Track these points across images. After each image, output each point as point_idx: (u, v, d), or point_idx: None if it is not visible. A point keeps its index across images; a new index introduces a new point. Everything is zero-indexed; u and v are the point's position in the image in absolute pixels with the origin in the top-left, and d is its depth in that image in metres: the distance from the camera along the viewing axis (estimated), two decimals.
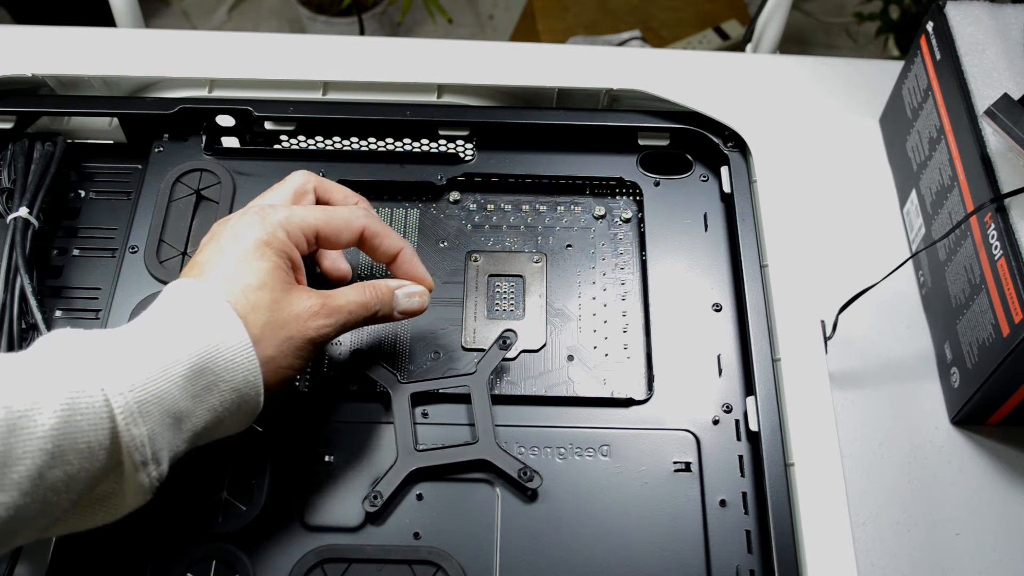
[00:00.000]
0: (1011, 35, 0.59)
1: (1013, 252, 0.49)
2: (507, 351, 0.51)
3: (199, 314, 0.41)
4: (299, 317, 0.43)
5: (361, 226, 0.48)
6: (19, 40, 0.70)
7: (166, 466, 0.39)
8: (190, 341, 0.40)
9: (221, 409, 0.41)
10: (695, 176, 0.59)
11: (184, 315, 0.41)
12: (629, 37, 1.45)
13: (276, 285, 0.43)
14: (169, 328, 0.40)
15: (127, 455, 0.37)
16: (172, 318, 0.41)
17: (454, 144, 0.60)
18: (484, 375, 0.50)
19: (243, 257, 0.43)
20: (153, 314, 0.41)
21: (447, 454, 0.48)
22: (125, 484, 0.38)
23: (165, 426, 0.38)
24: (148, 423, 0.37)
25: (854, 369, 0.58)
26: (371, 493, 0.47)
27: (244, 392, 0.41)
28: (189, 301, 0.41)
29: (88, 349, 0.38)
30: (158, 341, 0.39)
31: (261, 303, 0.42)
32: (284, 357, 0.43)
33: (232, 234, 0.44)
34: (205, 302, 0.41)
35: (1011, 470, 0.55)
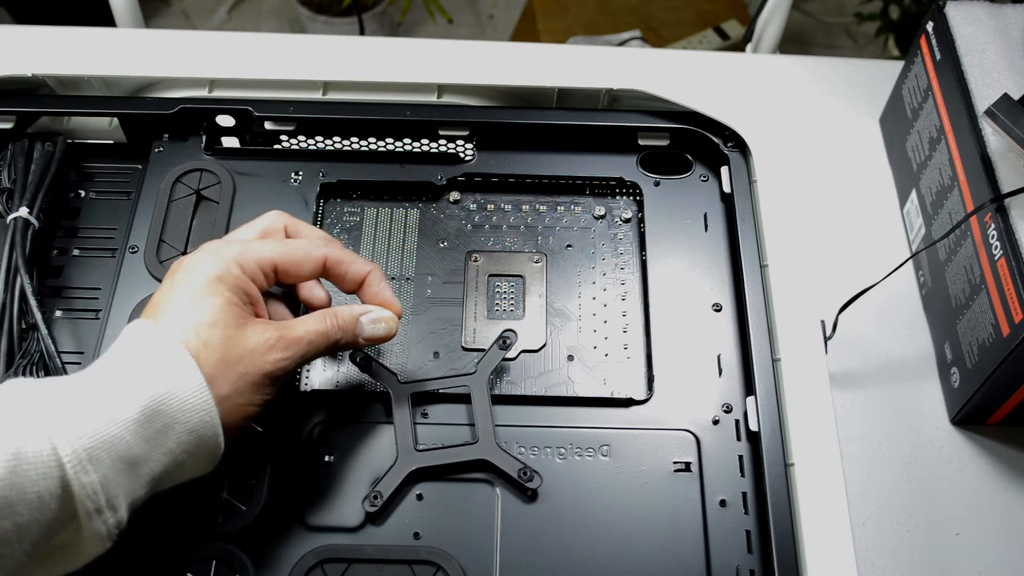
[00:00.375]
0: (1011, 35, 0.59)
1: (1013, 252, 0.49)
2: (507, 351, 0.51)
3: (150, 356, 0.40)
4: (254, 352, 0.42)
5: (322, 256, 0.47)
6: (19, 40, 0.70)
7: (124, 513, 0.38)
8: (141, 384, 0.39)
9: (179, 452, 0.40)
10: (695, 176, 0.59)
11: (135, 357, 0.40)
12: (629, 37, 1.45)
13: (229, 321, 0.42)
14: (120, 372, 0.39)
15: (80, 504, 0.36)
16: (123, 361, 0.40)
17: (454, 144, 0.60)
18: (484, 375, 0.50)
19: (195, 294, 0.42)
20: (106, 359, 0.41)
21: (447, 454, 0.48)
22: (83, 533, 0.37)
23: (118, 472, 0.37)
24: (99, 470, 0.37)
25: (854, 369, 0.58)
26: (371, 493, 0.47)
27: (201, 433, 0.40)
28: (141, 343, 0.41)
29: (35, 398, 0.37)
30: (108, 386, 0.39)
31: (213, 340, 0.41)
32: (241, 394, 0.42)
33: (185, 272, 0.43)
34: (156, 343, 0.41)
35: (1011, 470, 0.55)
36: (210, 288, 0.43)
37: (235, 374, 0.42)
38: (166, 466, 0.39)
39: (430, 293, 0.55)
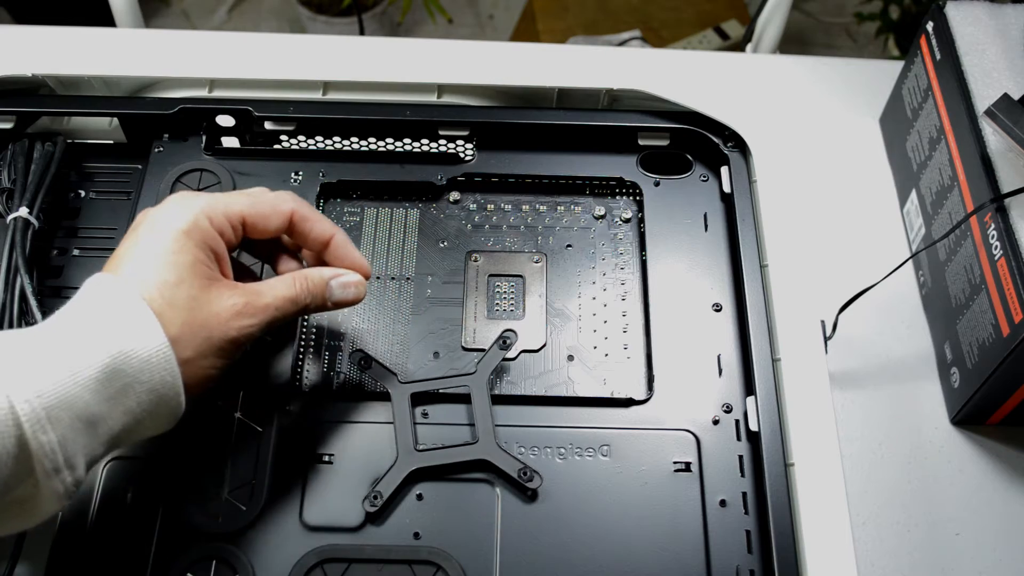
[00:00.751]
0: (1011, 35, 0.59)
1: (1013, 252, 0.49)
2: (507, 351, 0.51)
3: (112, 312, 0.39)
4: (219, 316, 0.41)
5: (289, 210, 0.45)
6: (19, 40, 0.70)
7: (82, 471, 0.38)
8: (102, 342, 0.38)
9: (139, 411, 0.39)
10: (695, 176, 0.59)
11: (97, 314, 0.39)
12: (629, 37, 1.45)
13: (195, 281, 0.41)
14: (81, 328, 0.38)
15: (37, 462, 0.36)
16: (84, 317, 0.39)
17: (454, 144, 0.60)
18: (484, 375, 0.50)
19: (161, 250, 0.41)
20: (66, 313, 0.39)
21: (447, 454, 0.48)
22: (40, 490, 0.36)
23: (77, 431, 0.37)
24: (58, 429, 0.36)
25: (854, 369, 0.58)
26: (371, 493, 0.47)
27: (162, 393, 0.39)
28: (103, 299, 0.40)
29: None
30: (68, 342, 0.38)
31: (179, 301, 0.40)
32: (204, 358, 0.41)
33: (150, 225, 0.42)
34: (119, 299, 0.39)
35: (1011, 470, 0.55)
36: (177, 244, 0.41)
37: (199, 338, 0.40)
38: (125, 425, 0.39)
39: (430, 293, 0.55)
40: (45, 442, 0.35)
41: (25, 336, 0.38)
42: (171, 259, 0.41)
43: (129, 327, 0.39)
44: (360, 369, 0.50)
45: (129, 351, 0.38)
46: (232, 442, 0.49)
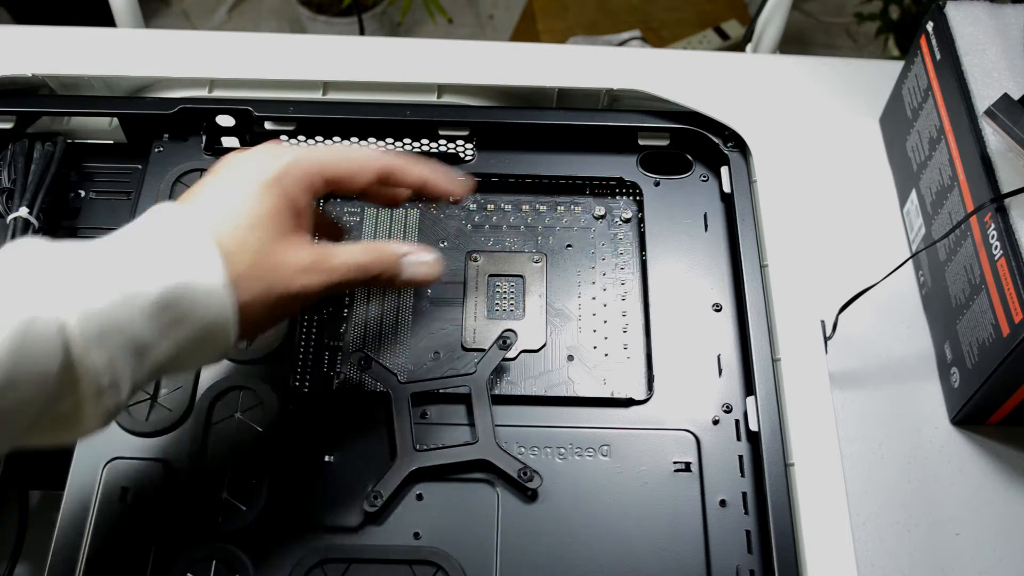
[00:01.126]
0: (1011, 35, 0.59)
1: (1013, 252, 0.49)
2: (507, 351, 0.51)
3: (177, 242, 0.38)
4: (286, 267, 0.41)
5: (378, 167, 0.45)
6: (19, 40, 0.70)
7: (126, 396, 0.37)
8: (162, 271, 0.37)
9: (188, 345, 0.38)
10: (695, 176, 0.59)
11: (161, 241, 0.38)
12: (629, 37, 1.45)
13: (270, 229, 0.40)
14: (141, 252, 0.37)
15: (83, 383, 0.35)
16: (147, 242, 0.38)
17: (454, 144, 0.60)
18: (484, 375, 0.50)
19: (241, 194, 0.40)
20: (127, 235, 0.38)
21: (447, 454, 0.48)
22: (83, 409, 0.36)
23: (126, 356, 0.36)
24: (107, 352, 0.35)
25: (854, 369, 0.58)
26: (371, 493, 0.47)
27: (214, 333, 0.38)
28: (169, 227, 0.39)
29: (51, 267, 0.35)
30: (127, 265, 0.37)
31: (248, 244, 0.39)
32: (260, 306, 0.40)
33: (235, 168, 0.41)
34: (187, 231, 0.38)
35: (1011, 470, 0.55)
36: (259, 192, 0.41)
37: (261, 285, 0.40)
38: (171, 356, 0.38)
39: (430, 293, 0.55)
40: (91, 364, 0.35)
41: (82, 250, 0.37)
42: (250, 204, 0.40)
43: (192, 260, 0.38)
44: (360, 369, 0.50)
45: (188, 284, 0.37)
46: (232, 442, 0.49)
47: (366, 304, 0.55)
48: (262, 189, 0.41)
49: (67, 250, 0.36)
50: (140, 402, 0.50)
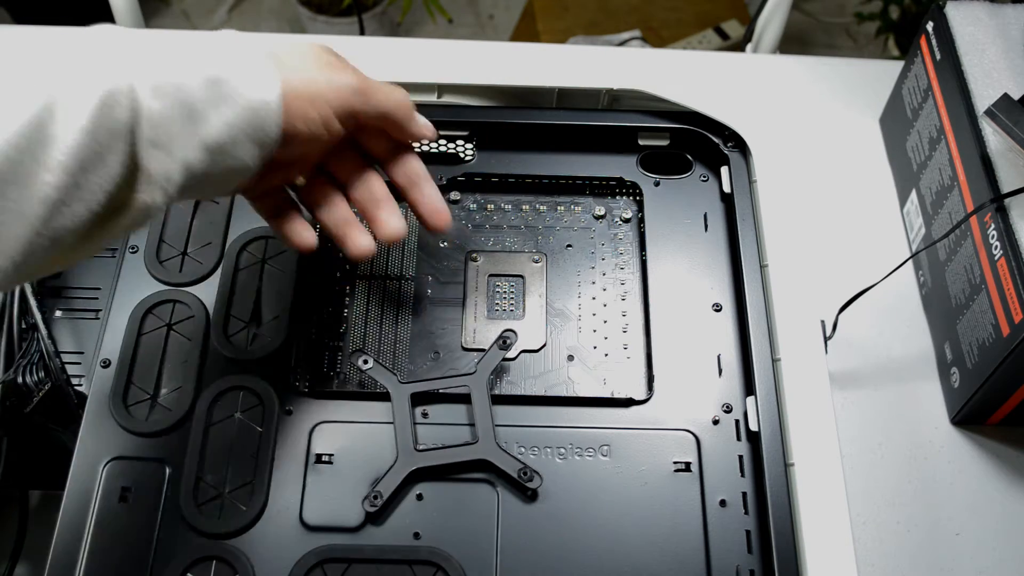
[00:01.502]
0: (1011, 35, 0.59)
1: (1013, 252, 0.49)
2: (507, 351, 0.51)
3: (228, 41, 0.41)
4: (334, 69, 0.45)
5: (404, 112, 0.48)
6: None
7: (178, 176, 0.38)
8: (215, 54, 0.40)
9: (236, 125, 0.40)
10: (695, 176, 0.59)
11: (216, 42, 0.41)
12: (629, 37, 1.45)
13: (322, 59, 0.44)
14: (200, 45, 0.41)
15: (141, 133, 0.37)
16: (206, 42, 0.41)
17: (454, 144, 0.60)
18: (484, 375, 0.50)
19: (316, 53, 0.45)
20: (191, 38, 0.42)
21: (447, 454, 0.48)
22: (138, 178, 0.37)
23: (180, 116, 0.38)
24: (164, 103, 0.37)
25: (854, 369, 0.58)
26: (371, 493, 0.47)
27: (261, 115, 0.40)
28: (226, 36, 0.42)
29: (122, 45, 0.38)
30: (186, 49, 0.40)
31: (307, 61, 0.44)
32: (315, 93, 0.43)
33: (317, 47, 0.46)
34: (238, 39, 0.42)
35: (1011, 470, 0.55)
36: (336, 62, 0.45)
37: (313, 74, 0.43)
38: (220, 137, 0.39)
39: (430, 293, 0.55)
40: (154, 109, 0.37)
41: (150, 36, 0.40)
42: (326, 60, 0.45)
43: (239, 51, 0.41)
44: (360, 369, 0.50)
45: (237, 65, 0.40)
46: (232, 442, 0.49)
47: (366, 304, 0.55)
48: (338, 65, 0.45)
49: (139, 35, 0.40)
50: (140, 402, 0.50)
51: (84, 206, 0.36)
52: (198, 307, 0.53)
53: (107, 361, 0.51)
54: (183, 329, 0.52)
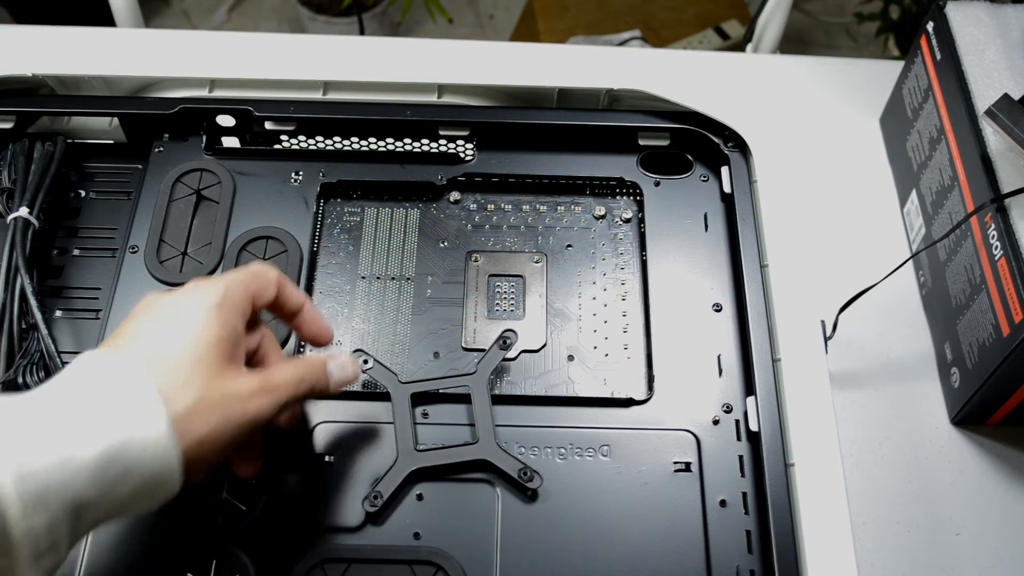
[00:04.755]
0: (1011, 35, 0.59)
1: (1013, 252, 0.49)
2: (507, 351, 0.51)
3: (114, 394, 0.36)
4: (238, 395, 0.40)
5: (275, 276, 0.45)
6: (19, 40, 0.70)
7: (65, 554, 0.35)
8: (102, 426, 0.35)
9: (129, 499, 0.36)
10: (695, 176, 0.59)
11: (97, 393, 0.36)
12: (629, 37, 1.45)
13: (216, 360, 0.39)
14: (79, 407, 0.36)
15: (19, 548, 0.33)
16: (84, 395, 0.36)
17: (454, 144, 0.60)
18: (484, 375, 0.50)
19: (182, 327, 0.39)
20: (61, 388, 0.37)
21: (447, 454, 0.48)
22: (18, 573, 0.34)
23: (66, 516, 0.34)
24: (48, 514, 0.33)
25: (854, 369, 0.58)
26: (371, 493, 0.47)
27: (158, 482, 0.37)
28: (104, 377, 0.37)
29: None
30: (65, 422, 0.35)
31: (195, 380, 0.38)
32: (212, 443, 0.39)
33: (172, 304, 0.40)
34: (123, 380, 0.37)
35: (1011, 470, 0.55)
36: (204, 318, 0.40)
37: (213, 419, 0.39)
38: (111, 511, 0.37)
39: (430, 293, 0.55)
40: (32, 527, 0.33)
41: (14, 405, 0.35)
42: (191, 336, 0.39)
43: (131, 411, 0.36)
44: (361, 370, 0.50)
45: (128, 439, 0.36)
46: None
47: (366, 304, 0.55)
48: (208, 317, 0.40)
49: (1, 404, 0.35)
50: None
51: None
52: None
53: None
54: None
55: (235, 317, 0.41)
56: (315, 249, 0.56)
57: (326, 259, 0.56)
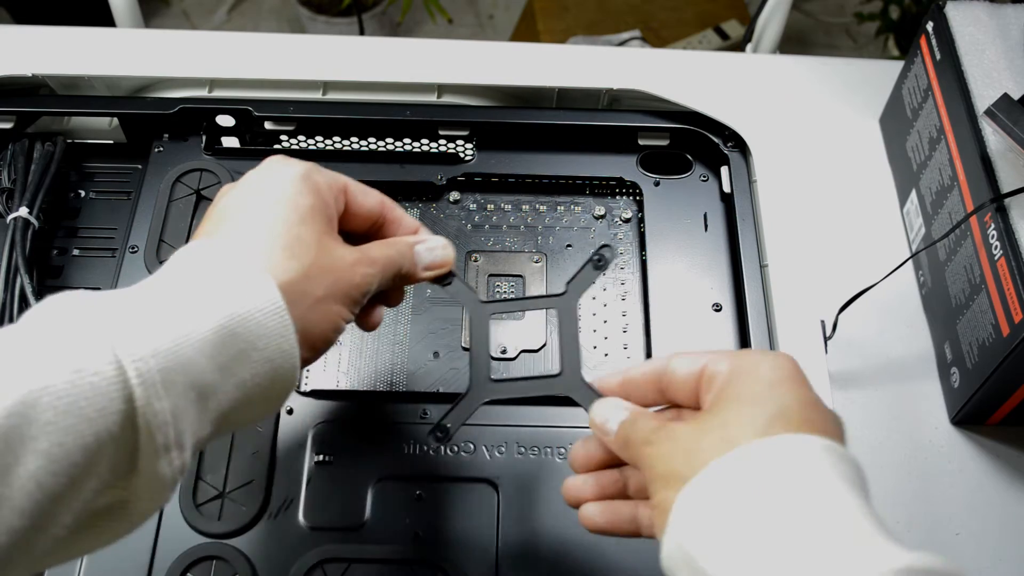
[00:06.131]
0: (1011, 35, 0.59)
1: (1013, 252, 0.49)
2: (603, 271, 0.45)
3: (217, 275, 0.35)
4: (344, 259, 0.38)
5: (380, 196, 0.43)
6: (19, 40, 0.70)
7: (189, 454, 0.32)
8: (216, 302, 0.33)
9: (252, 385, 0.34)
10: (695, 176, 0.59)
11: (200, 279, 0.35)
12: (629, 37, 1.45)
13: (313, 229, 0.38)
14: (189, 288, 0.34)
15: (147, 438, 0.30)
16: (191, 278, 0.35)
17: (454, 144, 0.60)
18: (575, 296, 0.44)
19: (276, 200, 0.38)
20: (167, 276, 0.35)
21: (526, 387, 0.43)
22: (139, 480, 0.31)
23: (189, 402, 0.32)
24: (172, 397, 0.31)
25: (854, 369, 0.58)
26: (438, 426, 0.42)
27: (278, 365, 0.35)
28: (204, 262, 0.35)
29: (95, 310, 0.32)
30: (178, 303, 0.33)
31: (297, 249, 0.37)
32: (333, 301, 0.37)
33: (255, 182, 0.39)
34: (223, 260, 0.35)
35: (1011, 470, 0.55)
36: (296, 188, 0.38)
37: (328, 280, 0.37)
38: (235, 401, 0.34)
39: (430, 293, 0.55)
40: (160, 411, 0.31)
41: (126, 294, 0.33)
42: (288, 205, 0.38)
43: (239, 287, 0.34)
44: (440, 284, 0.45)
45: (242, 311, 0.34)
46: (232, 442, 0.49)
47: None
48: (297, 185, 0.38)
49: (111, 295, 0.33)
50: None
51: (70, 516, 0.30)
52: None
53: None
54: None
55: (323, 187, 0.40)
56: None
57: None
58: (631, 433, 0.37)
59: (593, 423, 0.39)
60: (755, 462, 0.32)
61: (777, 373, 0.36)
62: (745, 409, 0.34)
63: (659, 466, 0.35)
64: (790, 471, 0.32)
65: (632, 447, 0.37)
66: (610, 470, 0.40)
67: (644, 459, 0.36)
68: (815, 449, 0.32)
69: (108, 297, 0.33)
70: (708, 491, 0.32)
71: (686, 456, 0.34)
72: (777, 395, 0.35)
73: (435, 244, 0.44)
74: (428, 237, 0.44)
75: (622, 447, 0.38)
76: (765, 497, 0.31)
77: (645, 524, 0.39)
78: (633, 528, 0.39)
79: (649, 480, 0.35)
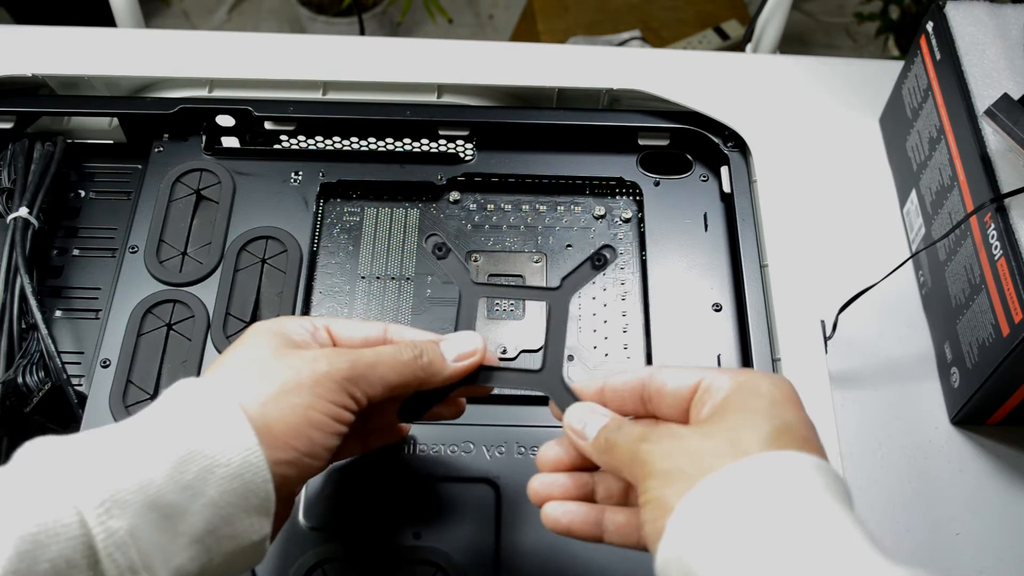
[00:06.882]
0: (1011, 35, 0.59)
1: (1013, 252, 0.49)
2: (601, 271, 0.44)
3: (189, 405, 0.35)
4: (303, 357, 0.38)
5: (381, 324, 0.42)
6: (19, 40, 0.69)
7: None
8: (174, 429, 0.34)
9: (223, 502, 0.33)
10: (695, 176, 0.59)
11: (172, 408, 0.35)
12: (629, 37, 1.45)
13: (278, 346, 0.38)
14: (153, 421, 0.34)
15: (108, 561, 0.30)
16: (158, 413, 0.35)
17: (454, 144, 0.60)
18: (568, 293, 0.44)
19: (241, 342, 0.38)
20: (141, 414, 0.35)
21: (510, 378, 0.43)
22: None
23: (151, 524, 0.31)
24: (127, 516, 0.30)
25: (854, 369, 0.58)
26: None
27: (247, 479, 0.34)
28: (182, 395, 0.36)
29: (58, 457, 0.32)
30: (138, 435, 0.33)
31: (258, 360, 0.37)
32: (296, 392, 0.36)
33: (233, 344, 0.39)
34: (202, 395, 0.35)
35: (1011, 470, 0.55)
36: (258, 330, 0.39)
37: (284, 376, 0.36)
38: (210, 521, 0.33)
39: (430, 293, 0.55)
40: (115, 530, 0.30)
41: (91, 435, 0.34)
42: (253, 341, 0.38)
43: (205, 414, 0.34)
44: (436, 257, 0.45)
45: (204, 433, 0.34)
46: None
47: (366, 304, 0.55)
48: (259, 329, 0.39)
49: (77, 439, 0.33)
50: (140, 402, 0.50)
51: None
52: (198, 307, 0.53)
53: (107, 361, 0.51)
54: (183, 329, 0.52)
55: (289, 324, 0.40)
56: (315, 249, 0.56)
57: (326, 259, 0.56)
58: (618, 436, 0.37)
59: (568, 426, 0.39)
60: (764, 473, 0.32)
61: (777, 393, 0.36)
62: (751, 420, 0.34)
63: (659, 463, 0.34)
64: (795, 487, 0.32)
65: (620, 449, 0.36)
66: (579, 472, 0.40)
67: (639, 455, 0.35)
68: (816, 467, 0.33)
69: (74, 441, 0.33)
70: (717, 494, 0.32)
71: (691, 456, 0.34)
72: (779, 412, 0.35)
73: (463, 340, 0.42)
74: (450, 337, 0.42)
75: (602, 451, 0.37)
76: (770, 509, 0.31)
77: (610, 530, 0.38)
78: (596, 532, 0.39)
79: (642, 477, 0.35)
